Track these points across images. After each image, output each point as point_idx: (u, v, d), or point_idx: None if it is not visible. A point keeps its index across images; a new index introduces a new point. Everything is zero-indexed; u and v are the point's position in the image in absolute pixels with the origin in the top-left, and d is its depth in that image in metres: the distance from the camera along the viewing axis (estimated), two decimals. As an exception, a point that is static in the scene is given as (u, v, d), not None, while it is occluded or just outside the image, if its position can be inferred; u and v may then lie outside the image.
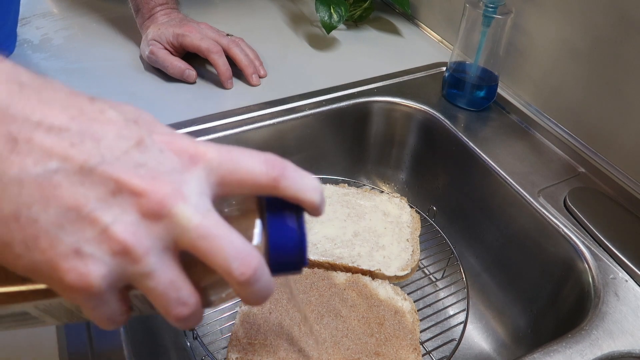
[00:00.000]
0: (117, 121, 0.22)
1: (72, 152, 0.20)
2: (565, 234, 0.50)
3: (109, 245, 0.20)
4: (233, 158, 0.23)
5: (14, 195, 0.19)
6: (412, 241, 0.54)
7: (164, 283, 0.21)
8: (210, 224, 0.21)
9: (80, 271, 0.20)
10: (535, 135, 0.61)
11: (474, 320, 0.59)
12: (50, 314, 0.25)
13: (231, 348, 0.43)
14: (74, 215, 0.19)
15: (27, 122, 0.20)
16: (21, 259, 0.20)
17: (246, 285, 0.22)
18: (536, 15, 0.62)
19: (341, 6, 0.75)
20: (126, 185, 0.20)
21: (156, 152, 0.22)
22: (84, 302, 0.21)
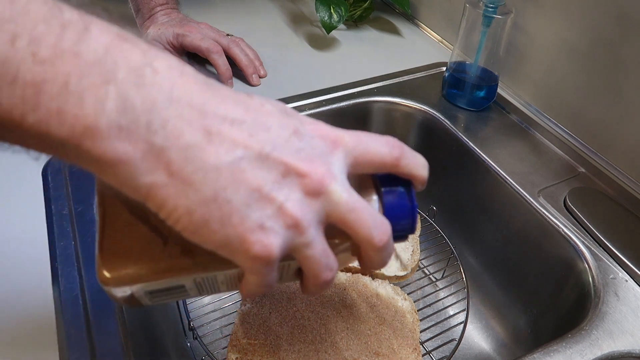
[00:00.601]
0: (275, 113, 0.25)
1: (251, 141, 0.23)
2: (565, 234, 0.50)
3: (283, 220, 0.23)
4: (363, 141, 0.27)
5: (213, 180, 0.22)
6: (412, 241, 0.54)
7: (319, 251, 0.25)
8: (355, 199, 0.25)
9: (264, 242, 0.23)
10: (535, 135, 0.61)
11: (474, 320, 0.59)
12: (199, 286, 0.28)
13: (231, 348, 0.43)
14: (257, 195, 0.23)
15: (216, 117, 0.23)
16: (217, 234, 0.23)
17: (381, 251, 0.26)
18: (536, 15, 0.62)
19: (341, 6, 0.75)
20: (293, 168, 0.24)
21: (309, 138, 0.25)
22: (260, 270, 0.24)
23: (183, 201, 0.22)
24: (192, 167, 0.22)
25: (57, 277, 0.42)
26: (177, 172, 0.22)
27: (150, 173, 0.22)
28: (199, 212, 0.23)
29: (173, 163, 0.22)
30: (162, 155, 0.22)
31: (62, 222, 0.47)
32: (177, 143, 0.22)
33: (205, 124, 0.23)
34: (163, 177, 0.22)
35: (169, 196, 0.22)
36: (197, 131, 0.22)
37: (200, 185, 0.22)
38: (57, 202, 0.49)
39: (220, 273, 0.27)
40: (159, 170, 0.22)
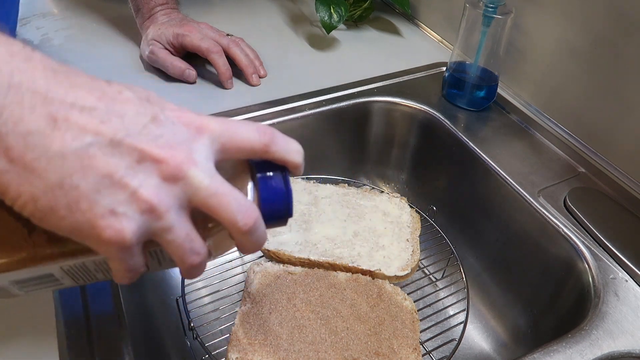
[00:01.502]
0: (133, 100, 0.25)
1: (102, 128, 0.23)
2: (565, 234, 0.50)
3: (137, 205, 0.24)
4: (231, 128, 0.27)
5: (57, 166, 0.22)
6: (412, 241, 0.54)
7: (181, 236, 0.25)
8: (217, 184, 0.25)
9: (115, 227, 0.23)
10: (535, 135, 0.61)
11: (474, 320, 0.59)
12: (70, 274, 0.28)
13: (231, 348, 0.43)
14: (108, 182, 0.23)
15: (63, 103, 0.23)
16: (65, 220, 0.23)
17: (247, 235, 0.27)
18: (536, 15, 0.62)
19: (341, 6, 0.75)
20: (149, 154, 0.24)
21: (169, 125, 0.25)
22: (116, 255, 0.24)
23: (26, 188, 0.22)
24: (34, 154, 0.22)
25: (57, 277, 0.42)
26: (18, 159, 0.22)
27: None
28: (44, 198, 0.23)
29: (12, 149, 0.22)
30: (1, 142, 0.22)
31: (62, 222, 0.47)
32: (15, 129, 0.22)
33: (50, 110, 0.23)
34: (3, 163, 0.22)
35: (11, 183, 0.22)
36: (41, 117, 0.22)
37: (44, 172, 0.22)
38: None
39: (87, 260, 0.27)
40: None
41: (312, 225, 0.54)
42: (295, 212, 0.55)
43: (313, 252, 0.51)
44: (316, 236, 0.53)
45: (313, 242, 0.52)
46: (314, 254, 0.51)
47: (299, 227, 0.54)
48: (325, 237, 0.53)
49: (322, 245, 0.52)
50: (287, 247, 0.52)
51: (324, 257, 0.51)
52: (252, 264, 0.50)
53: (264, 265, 0.50)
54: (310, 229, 0.54)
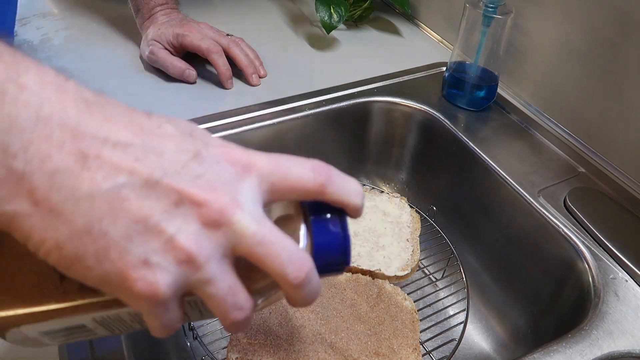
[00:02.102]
0: (175, 135, 0.23)
1: (137, 166, 0.21)
2: (565, 234, 0.50)
3: (174, 254, 0.21)
4: (282, 166, 0.24)
5: (86, 209, 0.20)
6: (412, 241, 0.54)
7: (223, 289, 0.22)
8: (265, 231, 0.22)
9: (148, 280, 0.21)
10: (535, 135, 0.61)
11: (474, 320, 0.59)
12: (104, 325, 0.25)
13: (231, 348, 0.43)
14: (141, 227, 0.21)
15: (95, 139, 0.21)
16: (92, 270, 0.21)
17: (299, 288, 0.23)
18: (536, 15, 0.62)
19: (341, 6, 0.75)
20: (187, 196, 0.21)
21: (213, 164, 0.22)
22: (150, 310, 0.22)
23: (51, 234, 0.20)
24: (61, 196, 0.20)
25: (57, 277, 0.42)
26: (43, 201, 0.20)
27: (11, 200, 0.20)
28: (70, 246, 0.20)
29: (37, 190, 0.20)
30: (24, 182, 0.20)
31: (62, 222, 0.47)
32: (42, 168, 0.20)
33: (81, 146, 0.20)
34: (26, 206, 0.20)
35: (35, 227, 0.20)
36: (70, 155, 0.20)
37: (70, 216, 0.20)
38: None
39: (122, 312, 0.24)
40: (20, 197, 0.20)
41: (312, 225, 0.54)
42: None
43: (313, 252, 0.51)
44: (316, 236, 0.53)
45: (313, 242, 0.52)
46: (314, 254, 0.51)
47: (299, 227, 0.54)
48: (325, 237, 0.53)
49: (322, 245, 0.52)
50: (287, 247, 0.52)
51: (324, 257, 0.51)
52: (252, 264, 0.50)
53: (264, 265, 0.50)
54: (310, 229, 0.54)
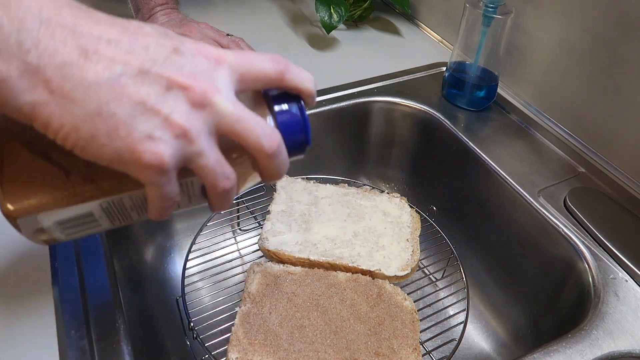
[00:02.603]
0: (154, 34, 0.26)
1: (129, 59, 0.24)
2: (565, 234, 0.50)
3: (171, 129, 0.24)
4: (247, 58, 0.28)
5: (94, 95, 0.23)
6: (412, 241, 0.54)
7: (213, 161, 0.26)
8: (241, 110, 0.26)
9: (154, 151, 0.24)
10: (535, 135, 0.61)
11: (474, 320, 0.59)
12: (108, 213, 0.29)
13: (231, 348, 0.43)
14: (142, 108, 0.24)
15: (91, 37, 0.24)
16: (106, 147, 0.24)
17: (272, 158, 0.28)
18: (536, 15, 0.62)
19: (341, 6, 0.75)
20: (175, 82, 0.25)
21: (190, 57, 0.26)
22: (154, 179, 0.25)
23: (68, 118, 0.23)
24: (72, 84, 0.23)
25: (57, 277, 0.42)
26: (57, 90, 0.23)
27: (30, 91, 0.23)
28: (85, 127, 0.23)
29: (51, 81, 0.23)
30: (39, 74, 0.23)
31: (62, 222, 0.47)
32: (52, 61, 0.23)
33: (81, 42, 0.23)
34: (44, 95, 0.23)
35: (53, 114, 0.23)
36: (73, 50, 0.23)
37: (82, 101, 0.23)
38: (57, 202, 0.49)
39: (125, 196, 0.28)
40: (38, 88, 0.23)
41: (312, 225, 0.54)
42: (295, 212, 0.55)
43: (313, 252, 0.51)
44: (316, 236, 0.53)
45: (313, 242, 0.52)
46: (314, 254, 0.51)
47: (299, 227, 0.54)
48: (325, 237, 0.53)
49: (322, 245, 0.52)
50: (287, 247, 0.52)
51: (324, 257, 0.51)
52: (252, 264, 0.50)
53: (264, 265, 0.50)
54: (310, 229, 0.54)
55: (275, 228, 0.53)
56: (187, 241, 0.62)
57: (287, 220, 0.54)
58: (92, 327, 0.39)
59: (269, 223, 0.54)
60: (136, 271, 0.56)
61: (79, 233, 0.30)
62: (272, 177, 0.30)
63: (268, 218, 0.55)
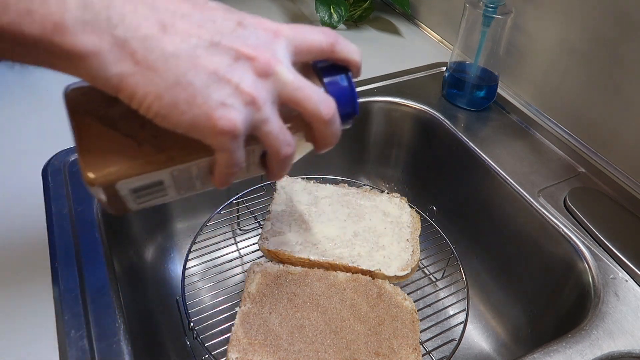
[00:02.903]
0: (219, 8, 0.28)
1: (201, 32, 0.26)
2: (565, 234, 0.50)
3: (242, 97, 0.26)
4: (301, 31, 0.30)
5: (174, 65, 0.25)
6: (412, 241, 0.54)
7: (277, 127, 0.28)
8: (300, 79, 0.28)
9: (228, 117, 0.26)
10: (535, 135, 0.61)
11: (474, 320, 0.59)
12: (176, 182, 0.31)
13: (231, 348, 0.43)
14: (215, 78, 0.26)
15: (167, 11, 0.26)
16: (185, 114, 0.26)
17: (329, 124, 0.30)
18: (536, 15, 0.62)
19: (341, 6, 0.75)
20: (242, 53, 0.27)
21: (252, 29, 0.28)
22: (227, 145, 0.27)
23: (151, 88, 0.25)
24: (154, 55, 0.25)
25: (57, 277, 0.42)
26: (142, 61, 0.25)
27: (118, 63, 0.24)
28: (167, 95, 0.25)
29: (136, 52, 0.25)
30: (126, 46, 0.24)
31: (62, 222, 0.47)
32: (136, 35, 0.25)
33: (159, 17, 0.25)
34: (130, 66, 0.25)
35: (138, 84, 0.25)
36: (153, 24, 0.25)
37: (164, 72, 0.25)
38: (57, 202, 0.49)
39: (192, 164, 0.30)
40: (125, 60, 0.25)
41: (312, 225, 0.54)
42: (295, 212, 0.55)
43: (313, 252, 0.51)
44: (316, 236, 0.53)
45: (313, 242, 0.52)
46: (314, 254, 0.51)
47: (299, 227, 0.54)
48: (325, 237, 0.53)
49: (322, 245, 0.52)
50: (287, 247, 0.52)
51: (324, 257, 0.51)
52: (252, 264, 0.50)
53: (264, 265, 0.50)
54: (310, 229, 0.54)
55: (275, 228, 0.53)
56: (187, 241, 0.62)
57: (287, 220, 0.54)
58: (92, 327, 0.39)
59: (269, 223, 0.54)
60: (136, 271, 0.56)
61: (149, 202, 0.31)
62: (326, 144, 0.31)
63: (268, 218, 0.55)
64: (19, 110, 0.62)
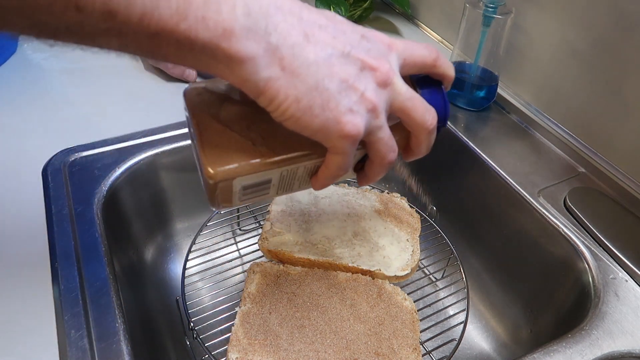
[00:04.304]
0: (345, 21, 0.30)
1: (335, 42, 0.28)
2: (565, 234, 0.50)
3: (365, 105, 0.29)
4: (410, 46, 0.32)
5: (314, 72, 0.27)
6: (412, 241, 0.54)
7: (387, 134, 0.31)
8: (410, 90, 0.31)
9: (354, 122, 0.28)
10: (535, 135, 0.61)
11: (474, 320, 0.59)
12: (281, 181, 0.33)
13: (231, 348, 0.43)
14: (345, 85, 0.28)
15: (309, 22, 0.28)
16: (318, 117, 0.28)
17: (431, 133, 0.32)
18: (536, 15, 0.62)
19: (341, 6, 0.75)
20: (367, 64, 0.29)
21: (373, 42, 0.30)
22: (347, 149, 0.29)
23: (292, 91, 0.27)
24: (299, 62, 0.27)
25: (57, 277, 0.42)
26: (288, 66, 0.27)
27: (269, 68, 0.26)
28: (305, 99, 0.27)
29: (285, 59, 0.27)
30: (277, 52, 0.26)
31: (62, 222, 0.47)
32: (286, 42, 0.27)
33: (304, 27, 0.28)
34: (277, 71, 0.27)
35: (281, 87, 0.27)
36: (299, 33, 0.27)
37: (305, 77, 0.27)
38: (57, 202, 0.49)
39: (301, 165, 0.32)
40: (274, 65, 0.27)
41: (312, 225, 0.54)
42: (295, 212, 0.55)
43: (313, 252, 0.51)
44: (316, 236, 0.53)
45: (313, 242, 0.52)
46: (314, 254, 0.51)
47: (299, 227, 0.54)
48: (325, 237, 0.53)
49: (322, 245, 0.52)
50: (287, 247, 0.52)
51: (324, 257, 0.51)
52: (252, 264, 0.50)
53: (264, 265, 0.50)
54: (310, 229, 0.54)
55: (275, 228, 0.53)
56: (187, 241, 0.62)
57: (287, 220, 0.54)
58: (92, 327, 0.39)
59: (268, 223, 0.54)
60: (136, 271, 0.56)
61: (251, 199, 0.33)
62: (420, 153, 0.34)
63: (268, 218, 0.55)
64: (19, 110, 0.62)
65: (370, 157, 0.32)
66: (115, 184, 0.53)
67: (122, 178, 0.54)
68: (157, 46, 0.25)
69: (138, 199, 0.57)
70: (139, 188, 0.57)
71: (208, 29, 0.25)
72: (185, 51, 0.26)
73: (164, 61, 0.28)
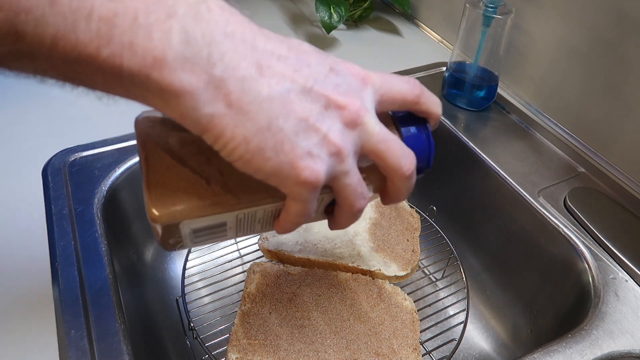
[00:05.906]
0: (312, 51, 0.27)
1: (296, 75, 0.25)
2: (565, 234, 0.50)
3: (327, 148, 0.25)
4: (388, 80, 0.29)
5: (266, 109, 0.24)
6: (412, 241, 0.54)
7: (355, 180, 0.27)
8: (385, 131, 0.27)
9: (313, 168, 0.25)
10: (535, 135, 0.61)
11: (474, 320, 0.59)
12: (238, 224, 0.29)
13: (231, 348, 0.43)
14: (304, 125, 0.25)
15: (265, 52, 0.25)
16: (270, 161, 0.24)
17: (408, 179, 0.29)
18: (536, 15, 0.62)
19: (341, 6, 0.75)
20: (333, 101, 0.25)
21: (344, 75, 0.27)
22: (305, 196, 0.26)
23: (240, 130, 0.24)
24: (248, 98, 0.23)
25: (57, 277, 0.42)
26: (235, 102, 0.23)
27: (211, 103, 0.23)
28: (255, 140, 0.24)
29: (231, 94, 0.23)
30: (222, 86, 0.23)
31: (62, 222, 0.47)
32: (234, 75, 0.23)
33: (257, 58, 0.24)
34: (222, 108, 0.23)
35: (228, 126, 0.23)
36: (251, 64, 0.24)
37: (256, 115, 0.24)
38: (57, 202, 0.49)
39: (259, 209, 0.29)
40: (218, 100, 0.23)
41: (312, 225, 0.54)
42: (295, 212, 0.55)
43: (313, 252, 0.51)
44: (316, 236, 0.53)
45: (313, 242, 0.52)
46: (314, 254, 0.51)
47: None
48: (325, 237, 0.53)
49: (322, 245, 0.52)
50: (287, 247, 0.52)
51: (324, 257, 0.51)
52: (252, 264, 0.50)
53: (264, 265, 0.50)
54: (310, 229, 0.54)
55: (275, 228, 0.53)
56: (187, 241, 0.62)
57: (287, 220, 0.54)
58: (92, 327, 0.39)
59: (269, 223, 0.54)
60: (136, 271, 0.56)
61: (205, 242, 0.30)
62: (398, 199, 0.31)
63: (268, 218, 0.55)
64: (19, 110, 0.62)
65: (338, 203, 0.29)
66: (115, 184, 0.53)
67: (122, 178, 0.54)
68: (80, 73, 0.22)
69: (138, 199, 0.57)
70: (139, 188, 0.56)
71: (136, 56, 0.22)
72: (114, 81, 0.22)
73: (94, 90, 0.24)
